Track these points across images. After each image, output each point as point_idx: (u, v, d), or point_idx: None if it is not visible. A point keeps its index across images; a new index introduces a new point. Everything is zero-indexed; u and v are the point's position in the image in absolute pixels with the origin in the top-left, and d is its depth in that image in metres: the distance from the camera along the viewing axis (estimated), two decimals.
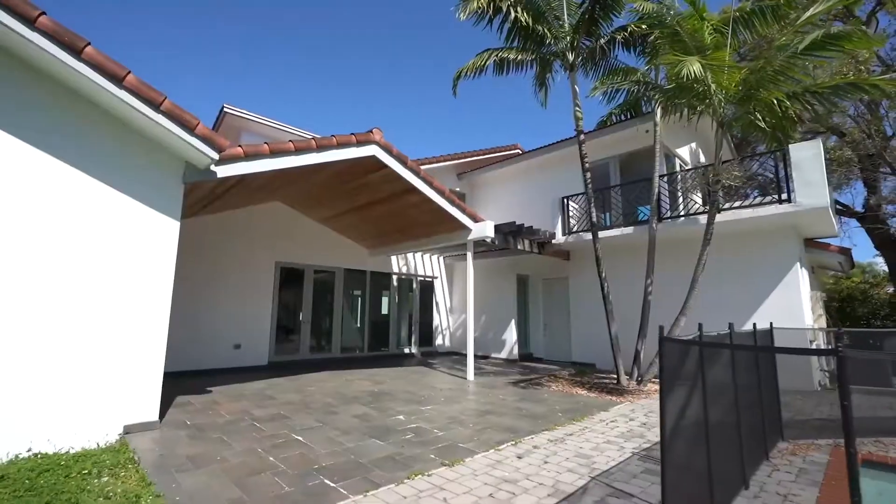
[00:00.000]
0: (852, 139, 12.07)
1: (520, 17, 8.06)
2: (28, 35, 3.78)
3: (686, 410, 2.64)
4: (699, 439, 2.75)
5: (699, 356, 2.78)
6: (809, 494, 3.19)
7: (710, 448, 2.74)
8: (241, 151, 5.52)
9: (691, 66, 5.48)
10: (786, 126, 7.09)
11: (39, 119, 4.14)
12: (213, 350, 8.94)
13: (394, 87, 66.97)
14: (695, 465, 2.75)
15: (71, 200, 4.25)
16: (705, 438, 2.76)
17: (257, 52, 54.65)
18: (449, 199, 8.39)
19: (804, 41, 5.66)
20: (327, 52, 53.49)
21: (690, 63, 5.51)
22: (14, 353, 3.81)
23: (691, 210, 9.16)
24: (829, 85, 6.28)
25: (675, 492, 2.26)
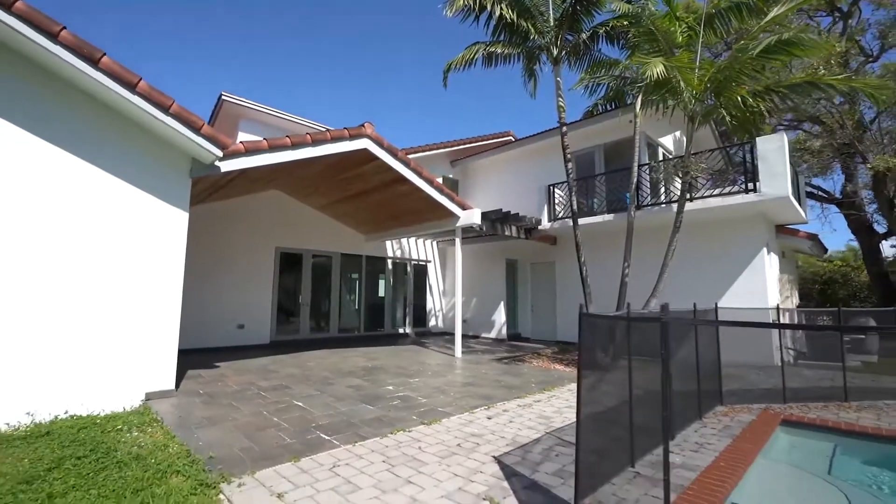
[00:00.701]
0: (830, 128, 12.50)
1: (504, 14, 8.44)
2: (52, 48, 4.27)
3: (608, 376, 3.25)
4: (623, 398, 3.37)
5: (626, 330, 3.38)
6: (721, 443, 3.84)
7: (632, 406, 3.36)
8: (241, 148, 6.03)
9: (654, 67, 5.95)
10: (753, 120, 7.58)
11: (66, 126, 4.65)
12: (218, 330, 9.59)
13: (393, 71, 66.39)
14: (621, 420, 3.38)
15: (95, 197, 4.79)
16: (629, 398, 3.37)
17: (254, 37, 54.07)
18: (437, 188, 8.90)
19: (758, 46, 6.10)
20: (322, 31, 52.91)
21: (654, 65, 5.99)
22: (51, 329, 4.41)
23: (668, 199, 9.67)
24: (787, 84, 6.76)
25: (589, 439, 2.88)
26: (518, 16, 8.68)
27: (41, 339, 4.35)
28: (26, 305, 4.29)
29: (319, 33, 53.06)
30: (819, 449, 4.21)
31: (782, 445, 4.32)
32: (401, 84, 70.06)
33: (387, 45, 59.91)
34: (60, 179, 4.59)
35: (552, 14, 9.21)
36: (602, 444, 3.16)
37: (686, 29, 7.64)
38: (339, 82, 70.00)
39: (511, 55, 9.73)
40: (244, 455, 3.51)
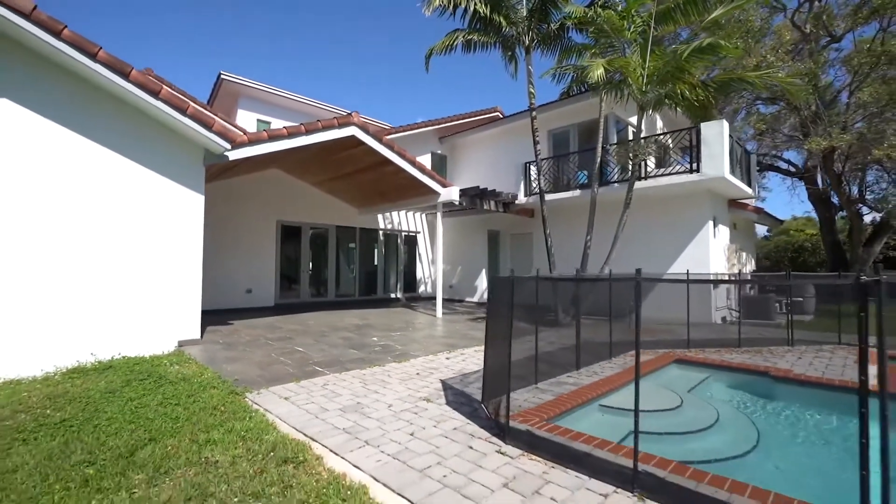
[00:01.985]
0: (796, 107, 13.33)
1: (478, 9, 9.25)
2: (91, 65, 5.33)
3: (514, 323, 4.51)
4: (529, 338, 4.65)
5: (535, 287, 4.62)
6: (611, 372, 5.17)
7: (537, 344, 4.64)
8: (245, 139, 7.12)
9: (595, 70, 6.94)
10: (702, 107, 8.57)
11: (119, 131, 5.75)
12: (229, 294, 10.92)
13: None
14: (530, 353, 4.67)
15: (135, 186, 5.95)
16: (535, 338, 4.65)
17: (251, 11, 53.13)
18: (419, 168, 9.99)
19: (686, 50, 7.04)
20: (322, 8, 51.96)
21: (596, 67, 6.97)
22: (106, 289, 5.68)
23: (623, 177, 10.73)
24: (720, 78, 7.73)
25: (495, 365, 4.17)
26: (491, 10, 9.49)
27: (100, 297, 5.63)
28: (88, 272, 5.54)
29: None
30: (695, 377, 5.55)
31: (670, 375, 5.65)
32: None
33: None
34: (112, 174, 5.75)
35: (525, 6, 10.00)
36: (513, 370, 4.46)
37: (641, 23, 8.51)
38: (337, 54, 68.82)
39: (488, 43, 10.55)
40: (259, 378, 4.84)
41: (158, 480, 2.62)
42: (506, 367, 3.33)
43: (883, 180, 14.07)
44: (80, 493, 2.48)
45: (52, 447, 3.08)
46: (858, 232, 13.77)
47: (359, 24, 60.06)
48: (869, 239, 13.85)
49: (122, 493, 2.47)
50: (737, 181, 9.74)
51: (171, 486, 2.55)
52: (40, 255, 5.22)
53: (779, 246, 23.33)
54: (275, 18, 55.33)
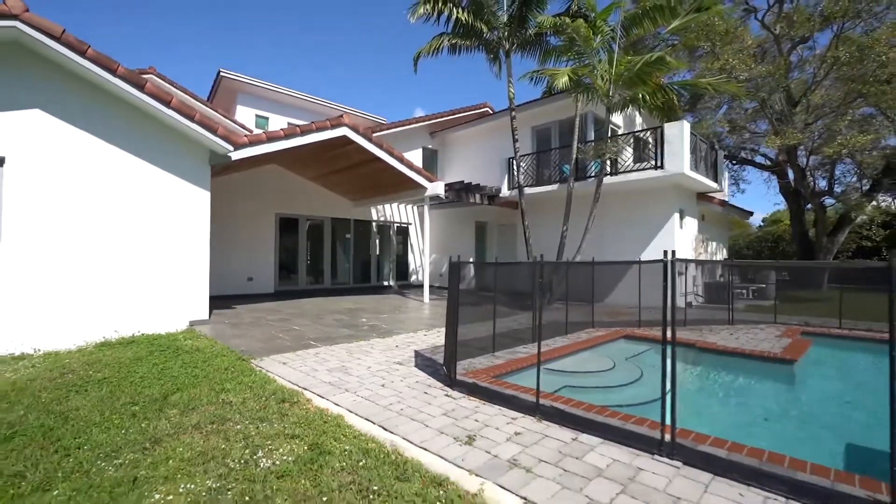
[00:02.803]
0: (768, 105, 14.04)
1: (460, 17, 9.98)
2: (111, 79, 6.12)
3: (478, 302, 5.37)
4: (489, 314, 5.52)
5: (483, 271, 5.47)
6: (561, 344, 6.06)
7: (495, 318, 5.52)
8: (246, 141, 7.91)
9: (560, 79, 7.73)
10: (662, 109, 9.37)
11: (136, 136, 6.56)
12: (232, 281, 11.79)
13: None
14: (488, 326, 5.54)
15: (153, 185, 6.78)
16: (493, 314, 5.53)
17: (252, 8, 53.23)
18: (407, 165, 10.79)
19: (640, 61, 7.81)
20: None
21: (560, 76, 7.75)
22: (128, 275, 6.54)
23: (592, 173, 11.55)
24: (678, 84, 8.51)
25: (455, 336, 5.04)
26: (473, 17, 10.21)
27: (122, 282, 6.49)
28: (111, 260, 6.39)
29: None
30: (638, 349, 6.44)
31: (618, 347, 6.55)
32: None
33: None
34: (129, 174, 6.57)
35: (505, 13, 10.71)
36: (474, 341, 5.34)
37: (609, 31, 9.26)
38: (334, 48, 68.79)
39: (472, 46, 11.28)
40: (261, 349, 5.73)
41: (188, 413, 3.50)
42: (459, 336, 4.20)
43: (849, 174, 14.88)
44: (130, 421, 3.37)
45: (100, 395, 3.97)
46: (823, 223, 14.60)
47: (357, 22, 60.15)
48: (833, 230, 14.70)
49: (162, 420, 3.36)
50: (698, 176, 10.57)
51: (197, 415, 3.44)
52: (71, 246, 6.07)
53: (760, 237, 24.18)
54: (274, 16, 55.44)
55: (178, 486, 2.44)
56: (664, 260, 3.06)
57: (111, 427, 3.25)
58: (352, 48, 69.71)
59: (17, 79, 5.75)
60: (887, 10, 10.50)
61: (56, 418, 3.42)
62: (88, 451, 2.89)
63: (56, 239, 5.96)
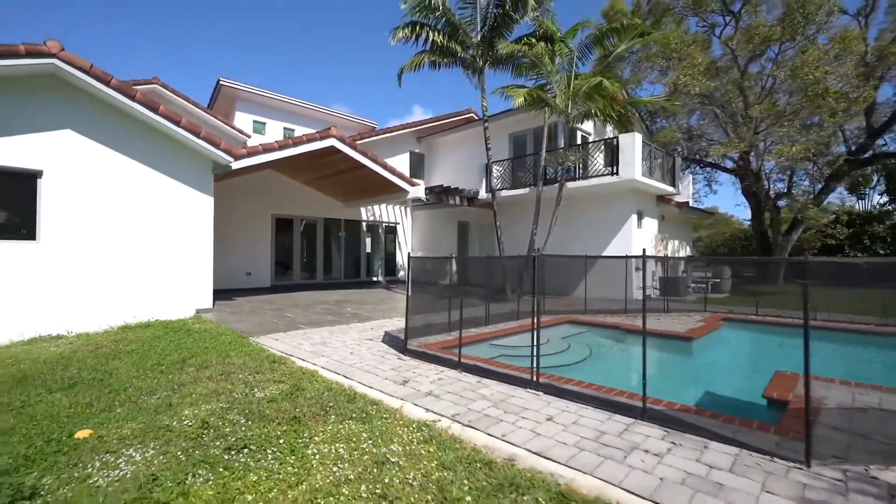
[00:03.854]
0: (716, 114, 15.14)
1: (436, 40, 11.11)
2: (130, 104, 7.26)
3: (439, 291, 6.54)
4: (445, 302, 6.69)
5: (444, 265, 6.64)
6: (508, 327, 7.24)
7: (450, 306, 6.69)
8: (245, 152, 9.06)
9: (517, 99, 8.89)
10: (618, 121, 10.54)
11: (150, 151, 7.70)
12: (232, 276, 12.94)
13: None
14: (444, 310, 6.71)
15: (165, 192, 7.92)
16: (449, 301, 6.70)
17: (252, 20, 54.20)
18: (390, 171, 11.94)
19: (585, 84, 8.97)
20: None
21: (517, 96, 8.92)
22: (144, 270, 7.69)
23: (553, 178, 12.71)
24: (627, 100, 9.67)
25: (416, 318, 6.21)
26: (448, 39, 11.34)
27: (139, 275, 7.65)
28: (130, 256, 7.55)
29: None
30: (577, 330, 7.64)
31: (561, 330, 7.73)
32: None
33: None
34: (144, 182, 7.72)
35: (479, 33, 11.84)
36: (433, 322, 6.52)
37: (568, 52, 10.42)
38: None
39: (450, 63, 12.42)
40: (258, 330, 6.90)
41: (202, 370, 4.68)
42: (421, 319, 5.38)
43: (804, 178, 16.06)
44: (159, 375, 4.54)
45: (132, 360, 5.14)
46: (777, 224, 15.80)
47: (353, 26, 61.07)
48: (788, 229, 15.89)
49: (183, 374, 4.54)
50: (652, 181, 11.75)
51: (209, 371, 4.61)
52: (96, 245, 7.23)
53: (734, 235, 25.41)
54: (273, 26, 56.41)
55: (201, 408, 3.61)
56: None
57: (146, 378, 4.43)
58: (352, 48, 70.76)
59: (52, 104, 6.89)
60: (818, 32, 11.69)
61: (103, 374, 4.59)
62: (133, 392, 4.06)
63: (84, 239, 7.11)
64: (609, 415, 3.33)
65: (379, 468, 2.53)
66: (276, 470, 2.54)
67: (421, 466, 2.56)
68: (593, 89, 8.90)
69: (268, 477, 2.47)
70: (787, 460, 2.59)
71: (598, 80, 8.74)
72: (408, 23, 11.11)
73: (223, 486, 2.39)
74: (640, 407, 3.31)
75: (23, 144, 6.63)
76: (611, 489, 2.34)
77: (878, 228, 20.98)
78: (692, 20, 15.58)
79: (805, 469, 2.49)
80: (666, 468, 2.55)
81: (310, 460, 2.64)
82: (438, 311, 6.86)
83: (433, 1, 10.95)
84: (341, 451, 2.74)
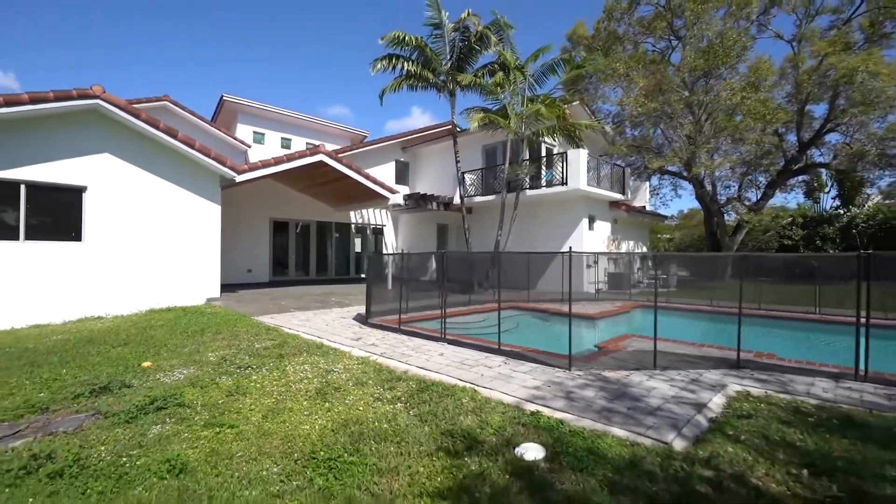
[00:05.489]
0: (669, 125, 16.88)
1: (410, 69, 12.94)
2: (155, 132, 9.08)
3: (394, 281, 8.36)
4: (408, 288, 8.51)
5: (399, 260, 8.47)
6: (458, 310, 9.05)
7: (401, 293, 8.50)
8: (247, 168, 10.87)
9: (472, 123, 10.70)
10: (570, 137, 12.36)
11: (169, 168, 9.52)
12: (235, 272, 14.75)
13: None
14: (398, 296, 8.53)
15: (183, 203, 9.74)
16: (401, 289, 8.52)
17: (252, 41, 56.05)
18: (372, 181, 13.75)
19: (530, 109, 10.78)
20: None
21: (473, 120, 10.73)
22: (164, 267, 9.51)
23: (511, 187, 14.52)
24: (570, 124, 11.49)
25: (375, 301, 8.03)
26: (422, 68, 13.17)
27: (161, 270, 9.47)
28: (154, 255, 9.37)
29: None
30: (517, 314, 9.45)
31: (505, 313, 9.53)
32: None
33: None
34: (166, 194, 9.54)
35: (449, 61, 13.67)
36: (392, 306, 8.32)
37: (522, 80, 12.24)
38: None
39: (425, 86, 14.24)
40: (257, 313, 8.72)
41: (216, 336, 6.49)
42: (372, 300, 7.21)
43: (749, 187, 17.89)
44: (187, 338, 6.36)
45: (164, 331, 6.95)
46: (723, 226, 17.59)
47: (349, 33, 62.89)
48: (733, 231, 17.69)
49: (204, 337, 6.36)
50: (599, 189, 13.57)
51: (222, 335, 6.43)
52: (128, 245, 9.05)
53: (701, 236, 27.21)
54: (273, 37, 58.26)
55: (218, 352, 5.43)
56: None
57: (177, 339, 6.25)
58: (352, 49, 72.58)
59: (93, 133, 8.71)
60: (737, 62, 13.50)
61: (145, 337, 6.42)
62: (170, 346, 5.88)
63: (117, 240, 8.93)
64: (480, 353, 5.17)
65: (327, 373, 4.36)
66: (267, 374, 4.37)
67: (351, 373, 4.39)
68: (535, 114, 10.72)
69: (262, 377, 4.30)
70: (560, 368, 4.41)
71: (537, 108, 10.56)
72: (385, 55, 12.94)
73: (236, 381, 4.21)
74: (497, 348, 5.14)
75: (72, 166, 8.45)
76: (454, 380, 4.15)
77: (828, 230, 22.80)
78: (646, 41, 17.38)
79: (566, 371, 4.31)
80: (489, 371, 4.39)
81: (287, 371, 4.47)
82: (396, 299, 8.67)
83: (407, 36, 12.81)
84: (306, 368, 4.57)
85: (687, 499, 2.18)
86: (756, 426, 3.03)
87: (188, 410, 3.50)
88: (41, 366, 4.92)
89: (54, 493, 2.38)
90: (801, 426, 3.06)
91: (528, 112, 10.92)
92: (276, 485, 2.43)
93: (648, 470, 2.43)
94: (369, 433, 2.98)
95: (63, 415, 3.51)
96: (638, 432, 2.87)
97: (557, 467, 2.48)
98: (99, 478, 2.52)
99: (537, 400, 3.52)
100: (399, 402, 3.58)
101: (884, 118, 14.95)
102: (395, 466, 2.55)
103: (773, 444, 2.81)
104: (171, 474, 2.55)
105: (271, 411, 3.47)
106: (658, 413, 3.22)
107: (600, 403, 3.43)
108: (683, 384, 3.94)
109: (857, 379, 4.02)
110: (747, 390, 3.81)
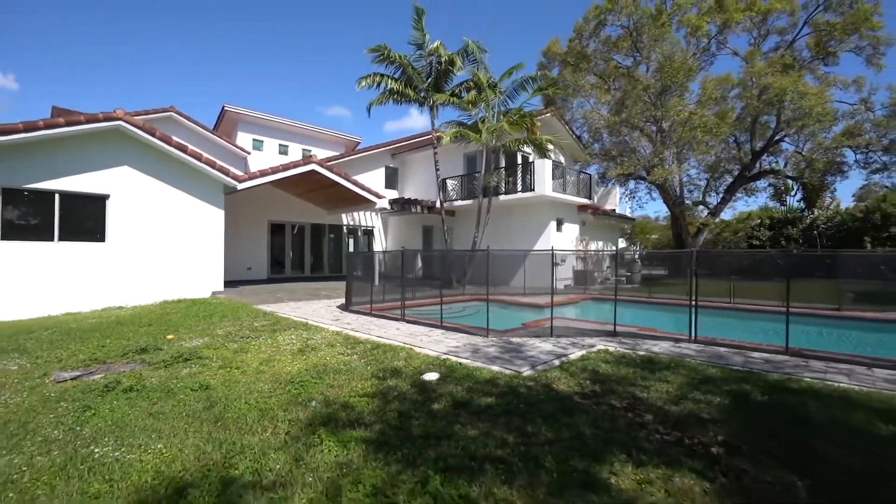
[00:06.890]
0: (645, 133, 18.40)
1: (392, 87, 14.42)
2: (168, 147, 10.55)
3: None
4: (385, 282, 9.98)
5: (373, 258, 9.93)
6: (430, 301, 10.52)
7: (373, 285, 9.97)
8: (247, 177, 12.33)
9: (445, 137, 12.15)
10: (538, 147, 13.84)
11: (179, 178, 10.98)
12: (236, 270, 16.20)
13: None
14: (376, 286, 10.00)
15: (190, 208, 11.20)
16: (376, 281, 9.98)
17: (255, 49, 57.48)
18: (360, 187, 15.22)
19: (498, 125, 12.24)
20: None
21: (446, 136, 12.18)
22: (174, 264, 10.97)
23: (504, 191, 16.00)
24: (535, 137, 12.97)
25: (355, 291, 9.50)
26: (404, 86, 14.65)
27: (173, 267, 10.92)
28: (167, 254, 10.83)
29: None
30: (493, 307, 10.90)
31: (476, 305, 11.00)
32: None
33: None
34: (177, 201, 11.00)
35: (429, 77, 15.14)
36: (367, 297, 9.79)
37: (493, 96, 13.71)
38: None
39: (409, 101, 15.72)
40: (256, 303, 10.18)
41: (222, 319, 7.96)
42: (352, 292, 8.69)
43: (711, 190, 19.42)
44: (199, 321, 7.82)
45: (178, 316, 8.42)
46: (685, 227, 19.07)
47: None
48: (696, 233, 19.18)
49: (212, 320, 7.83)
50: (564, 195, 15.05)
51: (227, 319, 7.90)
52: (144, 245, 10.51)
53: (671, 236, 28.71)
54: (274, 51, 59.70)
55: (225, 329, 6.89)
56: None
57: (190, 321, 7.72)
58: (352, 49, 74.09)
59: (115, 149, 10.17)
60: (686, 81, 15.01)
61: (164, 321, 7.88)
62: (186, 326, 7.35)
63: (134, 241, 10.39)
64: (428, 328, 6.66)
65: (308, 340, 5.85)
66: (263, 342, 5.85)
67: (326, 340, 5.87)
68: (498, 129, 12.20)
69: (259, 343, 5.77)
70: (480, 336, 5.89)
71: (501, 124, 12.03)
72: (369, 74, 14.43)
73: (240, 345, 5.68)
74: (440, 325, 6.62)
75: (97, 177, 9.91)
76: (400, 343, 5.62)
77: (791, 231, 24.30)
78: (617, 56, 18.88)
79: (483, 338, 5.79)
80: (428, 338, 5.87)
81: (278, 339, 5.95)
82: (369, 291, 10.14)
83: (391, 53, 14.30)
84: (293, 338, 6.05)
85: (513, 393, 3.65)
86: (584, 365, 4.51)
87: (207, 361, 4.97)
88: (88, 339, 6.38)
89: (129, 399, 3.85)
90: (615, 365, 4.54)
91: (492, 129, 12.41)
92: (266, 394, 3.90)
93: (498, 383, 3.91)
94: (330, 369, 4.46)
95: (119, 364, 4.98)
96: (506, 367, 4.33)
97: (443, 383, 3.95)
98: (154, 391, 3.99)
99: (451, 353, 4.98)
100: (355, 355, 5.05)
101: (829, 130, 16.49)
102: (342, 384, 4.02)
103: (585, 371, 4.30)
104: (200, 389, 4.02)
105: (265, 361, 4.94)
106: (529, 359, 4.67)
107: (494, 354, 4.89)
108: (564, 346, 5.41)
109: (690, 342, 5.48)
110: (607, 348, 5.28)
